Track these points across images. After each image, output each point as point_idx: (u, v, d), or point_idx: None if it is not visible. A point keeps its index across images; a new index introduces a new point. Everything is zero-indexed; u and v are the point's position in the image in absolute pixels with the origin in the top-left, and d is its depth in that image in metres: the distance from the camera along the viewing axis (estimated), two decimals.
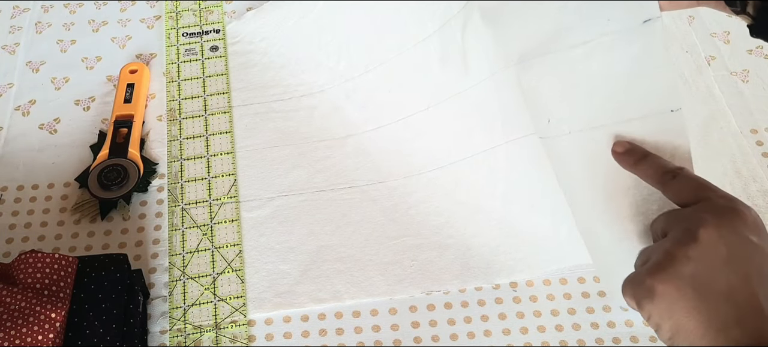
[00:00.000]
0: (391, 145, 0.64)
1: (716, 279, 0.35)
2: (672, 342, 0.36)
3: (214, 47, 0.71)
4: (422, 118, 0.63)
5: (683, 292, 0.35)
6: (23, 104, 0.68)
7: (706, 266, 0.36)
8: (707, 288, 0.35)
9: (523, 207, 0.58)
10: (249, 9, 0.74)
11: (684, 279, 0.36)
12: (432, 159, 0.62)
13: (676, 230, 0.38)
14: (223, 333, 0.54)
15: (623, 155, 0.44)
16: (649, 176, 0.42)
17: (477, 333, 0.53)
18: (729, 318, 0.34)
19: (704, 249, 0.36)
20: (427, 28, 0.61)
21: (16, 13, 0.76)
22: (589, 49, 0.45)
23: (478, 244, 0.58)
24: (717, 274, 0.35)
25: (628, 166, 0.44)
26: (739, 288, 0.35)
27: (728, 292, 0.35)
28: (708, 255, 0.36)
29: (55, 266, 0.50)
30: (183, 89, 0.68)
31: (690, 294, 0.35)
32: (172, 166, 0.63)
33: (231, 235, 0.59)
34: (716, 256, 0.36)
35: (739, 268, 0.35)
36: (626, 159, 0.44)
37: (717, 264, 0.36)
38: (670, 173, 0.41)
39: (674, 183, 0.40)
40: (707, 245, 0.36)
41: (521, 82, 0.50)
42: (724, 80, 0.67)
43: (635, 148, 0.44)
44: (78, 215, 0.60)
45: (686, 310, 0.35)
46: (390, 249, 0.58)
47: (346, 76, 0.67)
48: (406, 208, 0.60)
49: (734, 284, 0.35)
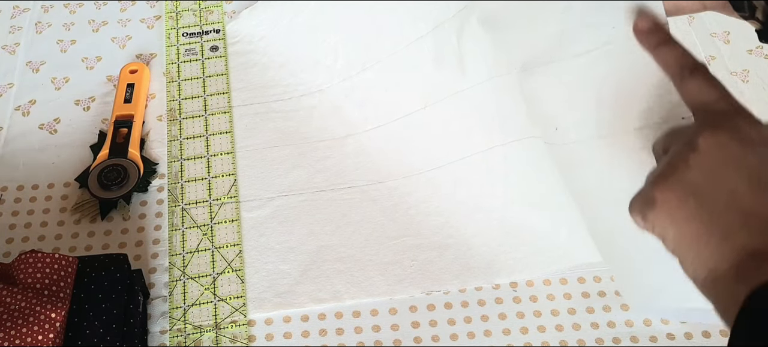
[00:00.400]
0: (390, 144, 0.64)
1: (717, 185, 0.34)
2: (676, 252, 0.35)
3: (214, 47, 0.71)
4: (420, 117, 0.63)
5: (684, 200, 0.35)
6: (23, 104, 0.68)
7: (706, 173, 0.35)
8: (709, 195, 0.34)
9: (523, 207, 0.58)
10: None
11: (684, 186, 0.35)
12: (431, 159, 0.62)
13: (676, 143, 0.37)
14: (223, 333, 0.54)
15: (646, 33, 0.41)
16: (667, 65, 0.40)
17: (477, 333, 0.53)
18: (733, 223, 0.33)
19: (703, 157, 0.35)
20: (420, 29, 0.61)
21: (16, 13, 0.76)
22: (595, 57, 0.44)
23: (478, 244, 0.58)
24: (718, 180, 0.34)
25: (649, 47, 0.41)
26: (743, 193, 0.34)
27: (731, 198, 0.34)
28: (707, 162, 0.35)
29: (55, 266, 0.50)
30: (183, 89, 0.68)
31: (691, 201, 0.34)
32: (172, 166, 0.63)
33: (231, 235, 0.59)
34: (716, 163, 0.35)
35: (741, 173, 0.34)
36: (648, 39, 0.41)
37: (717, 170, 0.35)
38: (688, 68, 0.39)
39: (689, 82, 0.38)
40: (706, 152, 0.35)
41: (525, 90, 0.50)
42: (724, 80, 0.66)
43: (660, 28, 0.41)
44: (78, 215, 0.60)
45: (687, 217, 0.34)
46: (390, 249, 0.58)
47: (343, 75, 0.67)
48: (406, 208, 0.60)
49: (737, 189, 0.34)
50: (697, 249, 0.34)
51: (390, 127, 0.64)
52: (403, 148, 0.63)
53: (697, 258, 0.34)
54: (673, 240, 0.35)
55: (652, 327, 0.53)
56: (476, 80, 0.57)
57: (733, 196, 0.34)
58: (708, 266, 0.33)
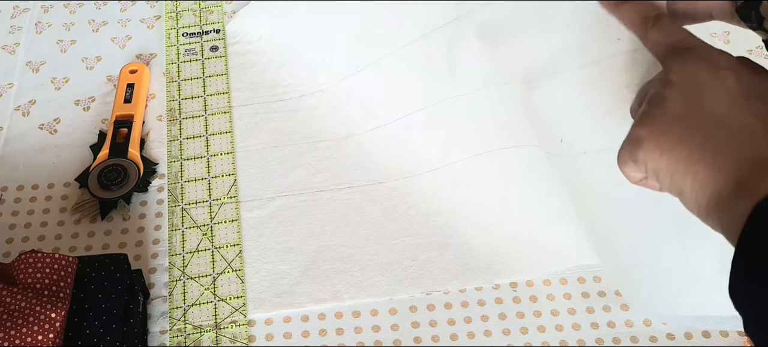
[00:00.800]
0: (390, 145, 0.64)
1: (699, 109, 0.34)
2: (674, 186, 0.34)
3: (214, 47, 0.71)
4: (419, 118, 0.63)
5: (668, 128, 0.34)
6: (23, 104, 0.68)
7: (685, 100, 0.35)
8: (692, 119, 0.34)
9: (522, 208, 0.58)
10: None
11: (666, 116, 0.35)
12: (431, 159, 0.62)
13: (651, 89, 0.37)
14: (223, 333, 0.54)
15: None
16: (631, 21, 0.41)
17: (477, 333, 0.53)
18: (724, 137, 0.33)
19: (678, 87, 0.35)
20: (409, 35, 0.61)
21: (16, 13, 0.76)
22: (601, 69, 0.44)
23: (478, 244, 0.58)
24: (698, 105, 0.34)
25: (611, 7, 0.42)
26: (726, 112, 0.34)
27: (715, 117, 0.34)
28: (684, 91, 0.35)
29: (55, 266, 0.50)
30: (183, 89, 0.68)
31: (676, 127, 0.34)
32: (172, 166, 0.63)
33: (231, 235, 0.59)
34: (693, 90, 0.35)
35: (720, 95, 0.34)
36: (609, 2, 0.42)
37: (695, 96, 0.35)
38: (651, 19, 0.39)
39: (652, 32, 0.39)
40: (680, 83, 0.35)
41: (529, 102, 0.50)
42: None
43: None
44: (78, 215, 0.60)
45: (676, 141, 0.34)
46: (390, 249, 0.58)
47: (342, 75, 0.67)
48: (406, 208, 0.60)
49: (719, 110, 0.34)
50: (693, 171, 0.33)
51: (390, 127, 0.64)
52: (403, 148, 0.63)
53: (695, 181, 0.33)
54: (667, 170, 0.34)
55: (652, 327, 0.53)
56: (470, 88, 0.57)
57: (716, 117, 0.34)
58: (707, 189, 0.33)
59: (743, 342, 0.52)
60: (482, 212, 0.59)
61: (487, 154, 0.58)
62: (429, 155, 0.62)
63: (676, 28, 0.39)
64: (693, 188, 0.33)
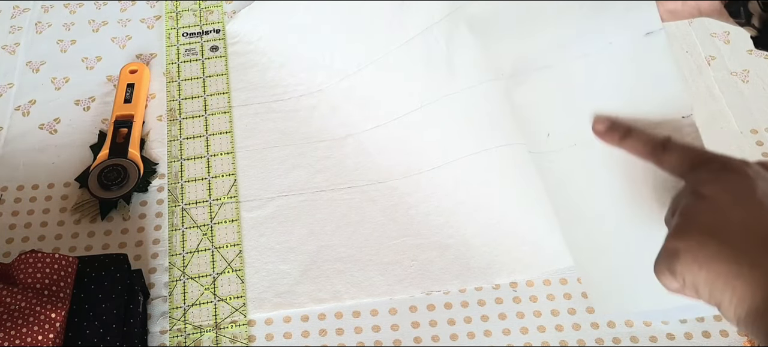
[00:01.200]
0: (390, 144, 0.64)
1: (732, 222, 0.35)
2: (713, 298, 0.35)
3: (214, 47, 0.71)
4: (417, 117, 0.63)
5: (704, 241, 0.35)
6: (23, 104, 0.68)
7: (718, 214, 0.36)
8: (726, 232, 0.35)
9: (521, 207, 0.58)
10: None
11: (701, 230, 0.36)
12: (430, 158, 0.62)
13: (683, 201, 0.38)
14: (223, 333, 0.54)
15: (607, 132, 0.43)
16: (638, 151, 0.42)
17: (477, 333, 0.53)
18: (757, 252, 0.34)
19: (711, 201, 0.36)
20: (408, 32, 0.61)
21: (16, 13, 0.76)
22: (591, 62, 0.44)
23: (478, 244, 0.58)
24: (731, 217, 0.36)
25: (615, 142, 0.43)
26: (757, 223, 0.35)
27: (746, 227, 0.35)
28: (717, 205, 0.36)
29: (55, 266, 0.50)
30: (183, 89, 0.68)
31: (711, 241, 0.35)
32: (172, 166, 0.63)
33: (231, 235, 0.59)
34: (724, 203, 0.36)
35: (752, 204, 0.36)
36: (611, 136, 0.43)
37: (728, 209, 0.36)
38: (660, 145, 0.40)
39: (667, 156, 0.40)
40: (713, 197, 0.36)
41: (515, 97, 0.50)
42: (724, 80, 0.67)
43: (618, 123, 0.43)
44: (78, 215, 0.60)
45: (712, 257, 0.35)
46: (390, 249, 0.58)
47: (341, 75, 0.67)
48: (406, 208, 0.60)
49: (751, 221, 0.35)
50: (731, 286, 0.34)
51: (389, 126, 0.64)
52: (403, 147, 0.63)
53: (734, 296, 0.34)
54: (705, 284, 0.35)
55: (652, 327, 0.53)
56: (466, 84, 0.57)
57: (748, 228, 0.35)
58: (745, 303, 0.34)
59: (743, 342, 0.52)
60: (482, 211, 0.59)
61: (486, 152, 0.58)
62: (429, 154, 0.62)
63: (690, 147, 0.40)
64: (731, 302, 0.35)
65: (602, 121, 0.44)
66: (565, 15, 0.45)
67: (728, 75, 0.68)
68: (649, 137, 0.41)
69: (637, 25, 0.42)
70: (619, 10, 0.42)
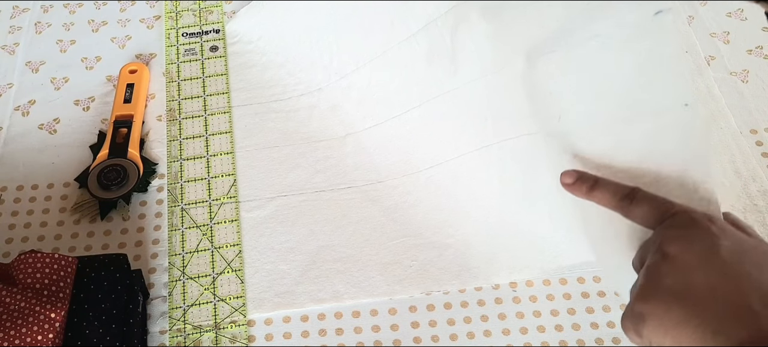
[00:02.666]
0: (389, 143, 0.64)
1: (694, 284, 0.36)
2: None
3: (214, 47, 0.71)
4: (417, 115, 0.63)
5: (668, 306, 0.36)
6: (23, 104, 0.68)
7: (681, 277, 0.36)
8: (690, 297, 0.36)
9: (520, 206, 0.58)
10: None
11: (666, 295, 0.36)
12: (429, 157, 0.62)
13: (649, 256, 0.39)
14: (222, 333, 0.54)
15: (574, 185, 0.45)
16: (606, 202, 0.43)
17: (477, 333, 0.53)
18: (721, 317, 0.35)
19: (676, 262, 0.37)
20: (411, 27, 0.61)
21: (16, 13, 0.76)
22: (601, 43, 0.44)
23: (477, 244, 0.58)
24: (694, 280, 0.36)
25: (582, 194, 0.45)
26: (721, 286, 0.35)
27: (711, 294, 0.35)
28: (681, 266, 0.37)
29: (55, 266, 0.50)
30: (183, 89, 0.68)
31: (675, 306, 0.36)
32: (171, 166, 0.63)
33: (231, 235, 0.59)
34: (688, 264, 0.36)
35: (712, 267, 0.36)
36: (578, 188, 0.45)
37: (691, 270, 0.36)
38: (628, 197, 0.41)
39: (635, 208, 0.41)
40: (677, 258, 0.37)
41: (529, 80, 0.50)
42: (723, 80, 0.68)
43: (584, 175, 0.45)
44: (78, 215, 0.60)
45: (677, 323, 0.35)
46: (390, 249, 0.58)
47: (340, 74, 0.67)
48: (406, 208, 0.60)
49: (714, 284, 0.35)
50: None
51: (389, 124, 0.64)
52: (403, 146, 0.63)
53: None
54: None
55: None
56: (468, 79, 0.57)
57: (712, 292, 0.35)
58: None
59: None
60: (481, 210, 0.59)
61: (486, 149, 0.58)
62: (428, 152, 0.62)
63: (654, 199, 0.41)
64: None
65: (570, 174, 0.45)
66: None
67: (728, 75, 0.68)
68: (616, 189, 0.42)
69: (647, 5, 0.42)
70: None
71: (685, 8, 0.73)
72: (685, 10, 0.73)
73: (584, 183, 0.44)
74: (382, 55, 0.64)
